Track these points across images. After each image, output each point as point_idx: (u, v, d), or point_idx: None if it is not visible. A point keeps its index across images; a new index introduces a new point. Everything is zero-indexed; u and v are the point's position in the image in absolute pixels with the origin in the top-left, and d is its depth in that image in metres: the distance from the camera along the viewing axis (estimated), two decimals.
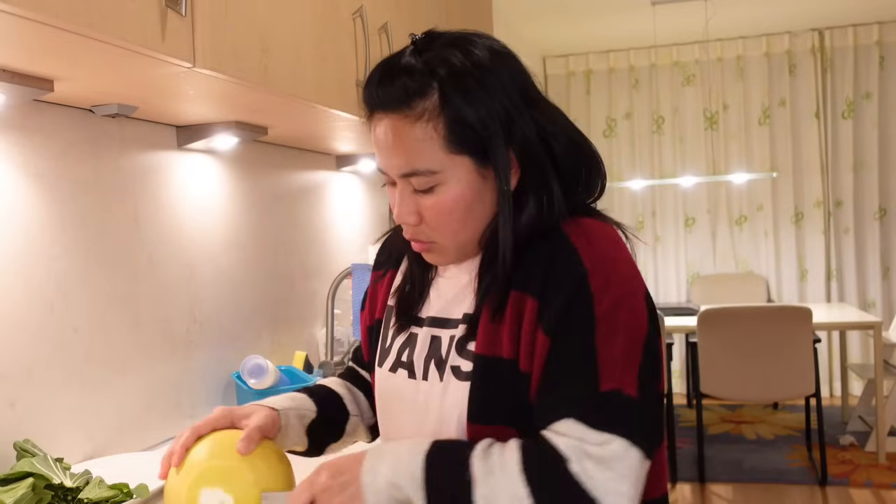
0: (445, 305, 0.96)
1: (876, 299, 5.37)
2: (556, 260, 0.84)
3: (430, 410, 0.92)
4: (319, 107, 1.64)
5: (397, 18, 2.04)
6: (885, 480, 3.70)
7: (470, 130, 0.85)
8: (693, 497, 3.66)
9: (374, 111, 0.90)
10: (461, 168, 0.87)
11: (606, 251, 0.85)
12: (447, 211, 0.88)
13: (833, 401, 5.21)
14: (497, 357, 0.87)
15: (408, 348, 0.97)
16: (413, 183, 0.88)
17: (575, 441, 0.78)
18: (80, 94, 1.38)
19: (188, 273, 1.79)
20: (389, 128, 0.87)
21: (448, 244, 0.92)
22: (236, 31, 1.31)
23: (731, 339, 3.72)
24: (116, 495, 1.21)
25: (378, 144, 0.90)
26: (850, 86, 5.34)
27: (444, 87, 0.85)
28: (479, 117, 0.85)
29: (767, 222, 5.51)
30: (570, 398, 0.80)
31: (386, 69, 0.90)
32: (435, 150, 0.86)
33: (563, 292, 0.83)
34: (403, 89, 0.86)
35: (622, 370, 0.81)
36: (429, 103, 0.85)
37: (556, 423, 0.80)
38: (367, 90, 0.91)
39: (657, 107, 5.69)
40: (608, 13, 4.75)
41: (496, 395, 0.86)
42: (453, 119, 0.85)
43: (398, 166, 0.88)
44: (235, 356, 1.95)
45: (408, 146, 0.86)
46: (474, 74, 0.86)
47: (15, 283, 1.32)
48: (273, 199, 2.20)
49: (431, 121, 0.85)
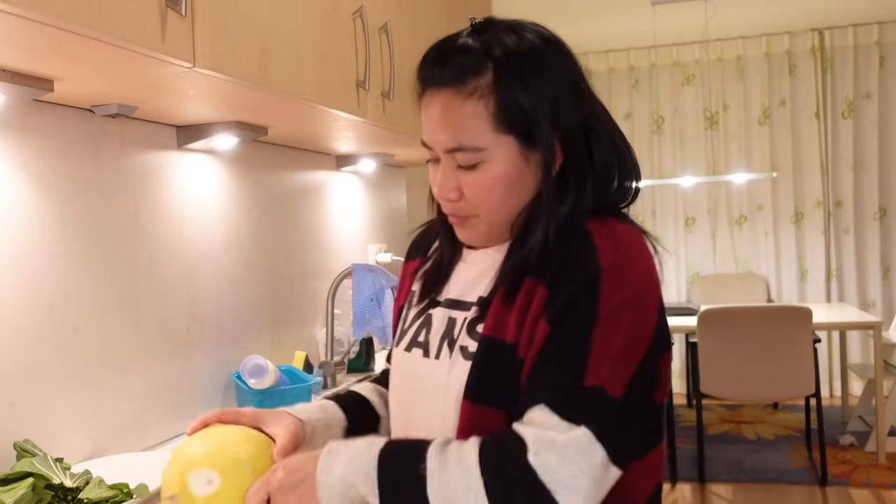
0: (464, 288, 0.97)
1: (876, 299, 5.37)
2: (574, 255, 0.85)
3: (436, 387, 0.93)
4: (319, 107, 1.64)
5: (397, 18, 2.04)
6: (885, 480, 3.70)
7: (519, 111, 0.87)
8: (693, 497, 3.66)
9: (428, 88, 0.91)
10: (506, 148, 0.88)
11: (626, 255, 0.86)
12: (488, 188, 0.89)
13: (833, 401, 5.21)
14: (500, 339, 0.88)
15: (424, 328, 0.99)
16: (458, 158, 0.89)
17: (539, 430, 0.78)
18: (80, 94, 1.38)
19: (188, 273, 1.79)
20: (440, 103, 0.89)
21: (485, 220, 0.93)
22: (236, 31, 1.31)
23: (731, 339, 3.72)
24: (116, 495, 1.20)
25: (427, 120, 0.91)
26: (850, 86, 5.34)
27: (499, 68, 0.87)
28: (530, 99, 0.87)
29: (767, 222, 5.51)
30: (550, 386, 0.81)
31: (442, 48, 0.92)
32: (483, 128, 0.87)
33: (573, 286, 0.84)
34: (458, 67, 0.88)
35: (612, 371, 0.81)
36: (482, 81, 0.87)
37: (529, 409, 0.80)
38: (422, 68, 0.93)
39: (657, 107, 5.69)
40: (608, 13, 4.75)
41: (493, 376, 0.87)
42: (504, 98, 0.87)
43: (445, 141, 0.89)
44: (235, 356, 1.95)
45: (457, 122, 0.88)
46: (529, 58, 0.89)
47: (15, 283, 1.32)
48: (273, 199, 2.20)
49: (483, 98, 0.87)
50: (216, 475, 0.86)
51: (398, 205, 3.17)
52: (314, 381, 1.95)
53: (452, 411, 0.89)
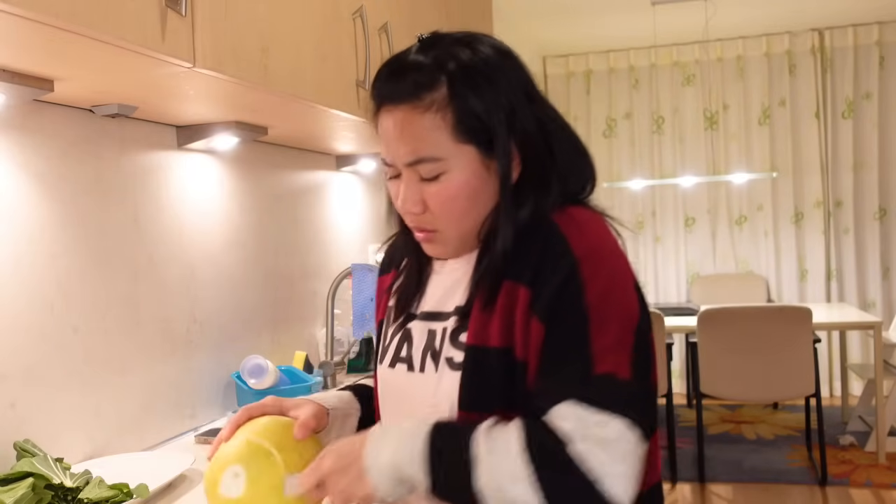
0: (440, 299, 0.98)
1: (876, 299, 5.37)
2: (547, 249, 0.87)
3: (425, 400, 0.93)
4: (319, 107, 1.64)
5: (397, 18, 2.04)
6: (885, 480, 3.70)
7: (477, 121, 0.89)
8: (693, 497, 3.66)
9: (383, 105, 0.92)
10: (467, 157, 0.89)
11: (596, 240, 0.88)
12: (452, 198, 0.90)
13: (833, 401, 5.21)
14: (487, 347, 0.88)
15: (405, 343, 0.99)
16: (420, 171, 0.90)
17: (575, 423, 0.79)
18: (80, 94, 1.38)
19: (188, 273, 1.79)
20: (398, 119, 0.90)
21: (451, 233, 0.93)
22: (236, 31, 1.31)
23: (731, 339, 3.72)
24: (116, 495, 1.21)
25: (386, 136, 0.92)
26: (850, 86, 5.34)
27: (453, 80, 0.89)
28: (486, 108, 0.89)
29: (767, 222, 5.51)
30: (566, 382, 0.82)
31: (395, 65, 0.93)
32: (443, 139, 0.89)
33: (555, 280, 0.85)
34: (413, 83, 0.89)
35: (615, 354, 0.83)
36: (437, 95, 0.88)
37: (556, 406, 0.81)
38: (376, 86, 0.93)
39: (657, 107, 5.69)
40: (608, 13, 4.75)
41: (486, 383, 0.88)
42: (461, 109, 0.88)
43: (405, 155, 0.90)
44: (235, 356, 1.95)
45: (416, 135, 0.89)
46: (481, 69, 0.90)
47: (15, 283, 1.32)
48: (273, 199, 2.20)
49: (440, 111, 0.88)
50: (241, 468, 0.87)
51: None
52: (314, 381, 1.95)
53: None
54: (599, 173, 1.07)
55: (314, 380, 1.96)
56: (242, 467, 0.87)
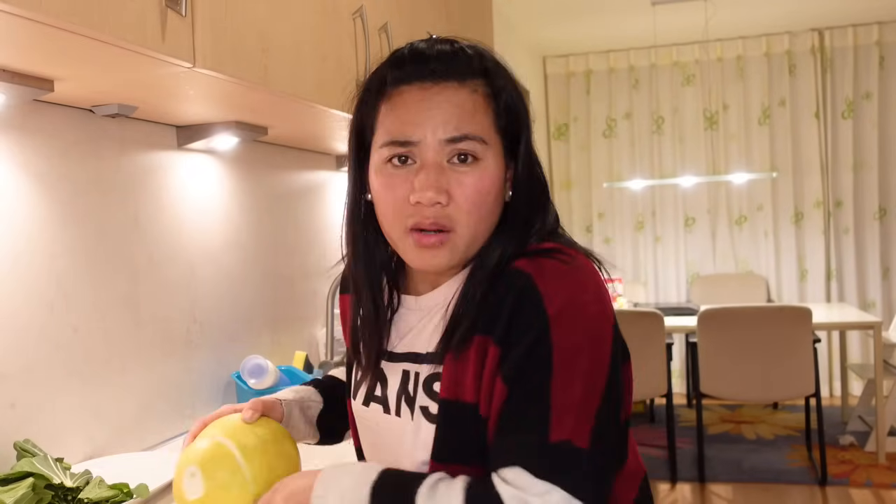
0: (413, 339, 0.94)
1: (876, 299, 5.37)
2: (520, 305, 0.81)
3: (404, 447, 0.91)
4: (319, 107, 1.64)
5: (397, 18, 2.03)
6: (885, 480, 3.70)
7: (513, 118, 0.88)
8: (693, 497, 3.66)
9: (418, 80, 0.86)
10: (498, 151, 0.87)
11: (571, 295, 0.81)
12: (485, 191, 0.85)
13: (833, 401, 5.21)
14: (460, 401, 0.85)
15: (378, 382, 0.96)
16: (460, 147, 0.84)
17: (517, 491, 0.76)
18: (80, 94, 1.38)
19: (188, 273, 1.79)
20: (440, 94, 0.85)
21: (466, 235, 0.86)
22: (236, 31, 1.31)
23: (731, 339, 3.72)
24: (116, 495, 1.21)
25: (417, 112, 0.85)
26: (849, 86, 5.34)
27: (493, 74, 0.88)
28: (519, 114, 0.89)
29: (767, 222, 5.51)
30: (518, 446, 0.78)
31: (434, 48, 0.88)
32: (487, 123, 0.86)
33: (524, 340, 0.80)
34: (462, 63, 0.87)
35: (575, 420, 0.78)
36: (480, 83, 0.87)
37: (503, 469, 0.78)
38: (405, 66, 0.87)
39: (657, 107, 5.69)
40: (608, 13, 4.75)
41: (459, 438, 0.85)
42: (503, 102, 0.87)
43: (449, 129, 0.84)
44: (235, 356, 1.95)
45: (462, 110, 0.85)
46: (506, 73, 0.91)
47: (15, 283, 1.32)
48: (273, 199, 2.20)
49: (483, 96, 0.87)
50: (196, 468, 0.89)
51: None
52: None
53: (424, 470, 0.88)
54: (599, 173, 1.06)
55: None
56: (198, 467, 0.89)
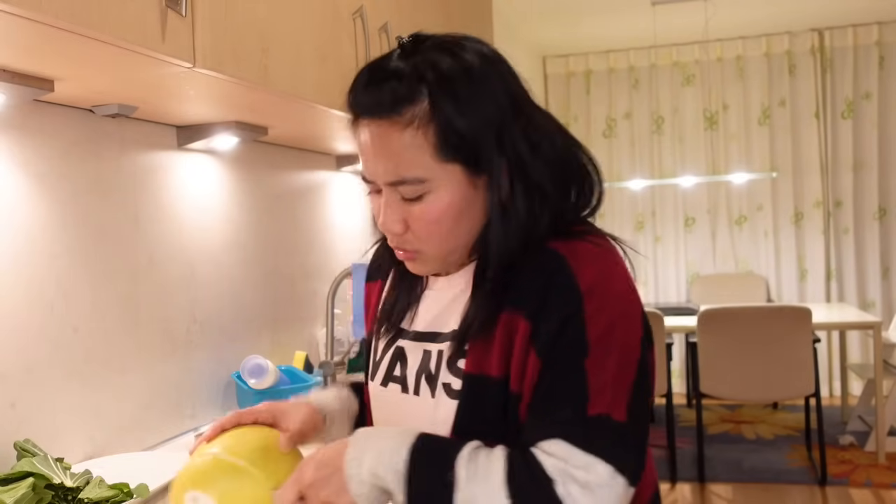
0: (434, 319, 0.95)
1: (875, 299, 5.37)
2: (551, 283, 0.82)
3: (423, 426, 0.91)
4: (319, 107, 1.64)
5: (397, 18, 2.03)
6: (885, 480, 3.70)
7: (460, 138, 0.83)
8: (693, 497, 3.66)
9: (362, 116, 0.86)
10: (452, 176, 0.84)
11: (603, 274, 0.84)
12: (435, 220, 0.86)
13: (833, 401, 5.21)
14: (485, 375, 0.86)
15: (398, 362, 0.97)
16: (401, 191, 0.85)
17: (560, 462, 0.77)
18: (80, 94, 1.38)
19: (188, 273, 1.79)
20: (376, 134, 0.84)
21: (434, 254, 0.89)
22: (236, 31, 1.31)
23: (731, 339, 3.72)
24: (116, 495, 1.21)
25: (364, 151, 0.87)
26: (849, 86, 5.34)
27: (434, 93, 0.82)
28: (471, 125, 0.83)
29: (767, 222, 5.51)
30: (558, 420, 0.80)
31: (372, 73, 0.87)
32: (425, 158, 0.83)
33: (558, 316, 0.81)
34: (392, 94, 0.83)
35: (612, 395, 0.80)
36: (418, 109, 0.82)
37: (545, 441, 0.79)
38: (352, 94, 0.88)
39: (657, 107, 5.69)
40: (608, 13, 4.75)
41: (484, 413, 0.86)
42: (444, 127, 0.82)
43: (385, 174, 0.85)
44: (235, 356, 1.95)
45: (396, 153, 0.83)
46: (464, 80, 0.84)
47: (15, 283, 1.32)
48: (273, 199, 2.20)
49: (421, 128, 0.82)
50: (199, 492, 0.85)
51: None
52: (314, 382, 1.95)
53: None
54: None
55: (314, 380, 1.96)
56: (201, 491, 0.85)
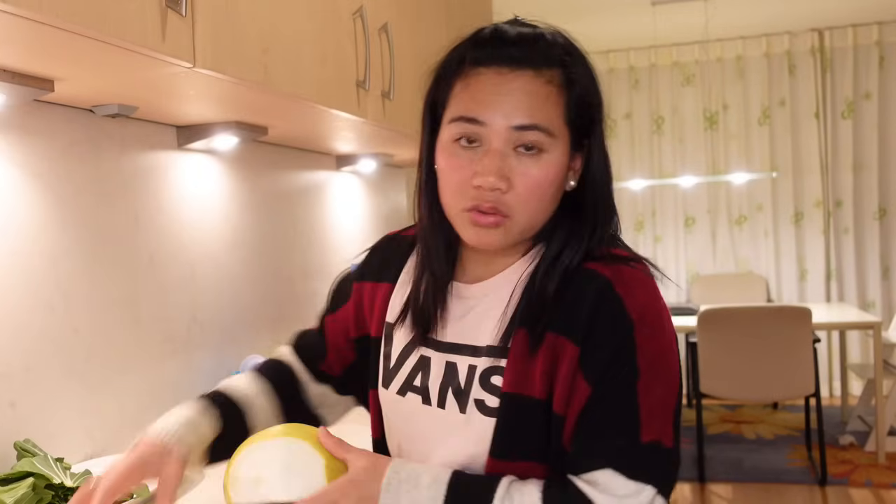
0: (464, 330, 0.92)
1: (876, 299, 5.37)
2: (600, 309, 0.83)
3: (448, 440, 0.90)
4: (320, 107, 1.64)
5: (397, 18, 2.03)
6: (885, 480, 3.70)
7: (585, 112, 0.87)
8: (693, 497, 3.66)
9: (495, 63, 0.86)
10: (565, 144, 0.86)
11: (649, 301, 0.85)
12: (546, 183, 0.85)
13: (833, 401, 5.21)
14: (527, 396, 0.85)
15: (420, 372, 0.94)
16: (525, 138, 0.84)
17: (613, 499, 0.79)
18: (80, 94, 1.38)
19: (188, 273, 1.79)
20: (515, 80, 0.85)
21: (522, 223, 0.86)
22: (236, 31, 1.31)
23: (731, 339, 3.72)
24: None
25: (491, 95, 0.85)
26: (849, 86, 5.34)
27: (573, 65, 0.87)
28: (592, 104, 0.88)
29: (767, 222, 5.51)
30: (610, 448, 0.81)
31: (517, 32, 0.89)
32: (557, 115, 0.85)
33: (609, 343, 0.82)
34: (543, 52, 0.86)
35: (661, 421, 0.82)
36: (556, 72, 0.86)
37: (592, 472, 0.80)
38: (485, 47, 0.88)
39: (657, 107, 5.69)
40: (608, 13, 4.75)
41: (523, 433, 0.85)
42: (576, 95, 0.86)
43: (519, 115, 0.84)
44: (236, 356, 1.95)
45: (533, 100, 0.84)
46: (585, 62, 0.89)
47: (15, 284, 1.32)
48: (273, 199, 2.20)
49: (557, 87, 0.85)
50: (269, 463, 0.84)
51: (398, 205, 3.17)
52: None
53: (477, 468, 0.87)
54: None
55: None
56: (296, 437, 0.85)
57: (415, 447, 0.94)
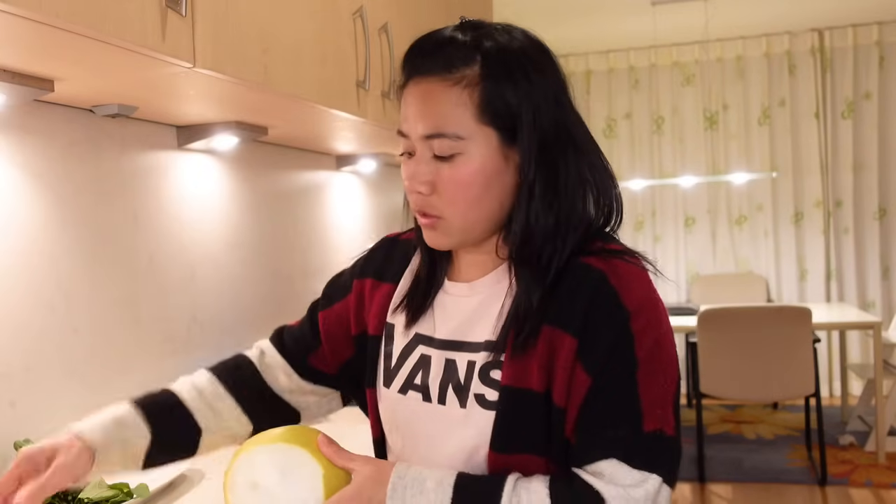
0: (459, 327, 0.93)
1: (875, 299, 5.37)
2: (596, 301, 0.84)
3: (449, 436, 0.90)
4: (320, 107, 1.64)
5: (397, 18, 2.04)
6: (885, 480, 3.70)
7: (504, 106, 0.86)
8: (693, 497, 3.66)
9: (412, 76, 0.89)
10: (486, 141, 0.86)
11: (644, 293, 0.86)
12: (465, 184, 0.86)
13: (833, 401, 5.21)
14: (526, 389, 0.85)
15: (421, 371, 0.95)
16: (435, 147, 0.86)
17: (619, 489, 0.80)
18: (80, 94, 1.38)
19: (188, 273, 1.79)
20: (424, 90, 0.87)
21: (456, 222, 0.89)
22: (236, 31, 1.31)
23: (731, 339, 3.72)
24: (116, 495, 1.21)
25: (408, 107, 0.89)
26: (849, 86, 5.34)
27: (487, 61, 0.86)
28: (516, 95, 0.86)
29: (767, 222, 5.51)
30: (614, 439, 0.82)
31: (431, 38, 0.92)
32: (466, 117, 0.85)
33: (607, 334, 0.83)
34: (447, 55, 0.87)
35: (662, 409, 0.83)
36: (469, 71, 0.86)
37: (597, 462, 0.81)
38: (408, 57, 0.91)
39: (657, 107, 5.69)
40: (608, 13, 4.75)
41: (523, 426, 0.86)
42: (490, 91, 0.85)
43: (424, 127, 0.87)
44: None
45: (439, 108, 0.86)
46: (518, 58, 0.88)
47: (16, 283, 1.32)
48: (273, 199, 2.20)
49: (468, 88, 0.85)
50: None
51: (398, 205, 3.16)
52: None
53: (480, 459, 0.88)
54: None
55: None
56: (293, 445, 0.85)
57: (417, 445, 0.95)
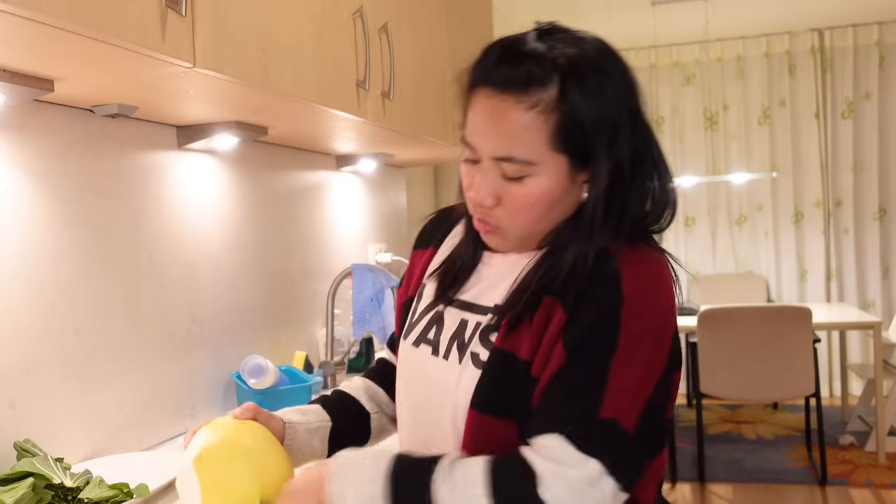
0: (480, 291, 0.96)
1: (876, 299, 5.37)
2: (596, 281, 0.84)
3: (445, 390, 0.93)
4: (320, 107, 1.64)
5: (397, 18, 2.03)
6: (885, 480, 3.70)
7: (580, 134, 0.84)
8: (693, 497, 3.66)
9: (485, 86, 0.86)
10: (557, 166, 0.85)
11: (649, 287, 0.85)
12: (530, 204, 0.87)
13: (833, 401, 5.21)
14: (513, 354, 0.87)
15: (435, 326, 0.98)
16: (504, 168, 0.86)
17: (552, 464, 0.78)
18: (80, 94, 1.38)
19: (188, 273, 1.79)
20: (498, 108, 0.85)
21: (516, 233, 0.91)
22: (236, 31, 1.31)
23: (731, 339, 3.72)
24: (116, 495, 1.21)
25: (479, 121, 0.87)
26: (849, 86, 5.34)
27: (566, 84, 0.83)
28: (592, 123, 0.84)
29: (767, 222, 5.51)
30: (566, 416, 0.80)
31: (509, 49, 0.87)
32: (538, 143, 0.84)
33: (593, 314, 0.82)
34: (527, 74, 0.84)
35: (628, 403, 0.81)
36: (546, 95, 0.83)
37: (545, 435, 0.80)
38: (481, 66, 0.88)
39: (657, 107, 5.69)
40: (608, 13, 4.75)
41: (503, 389, 0.87)
42: (567, 119, 0.83)
43: (494, 148, 0.86)
44: (236, 356, 1.96)
45: (512, 131, 0.84)
46: (596, 78, 0.85)
47: (16, 283, 1.32)
48: (273, 199, 2.20)
49: (544, 113, 0.83)
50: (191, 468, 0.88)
51: (398, 205, 3.17)
52: (314, 381, 1.95)
53: (461, 416, 0.90)
54: None
55: (314, 380, 1.97)
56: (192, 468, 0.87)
57: (415, 393, 0.98)
